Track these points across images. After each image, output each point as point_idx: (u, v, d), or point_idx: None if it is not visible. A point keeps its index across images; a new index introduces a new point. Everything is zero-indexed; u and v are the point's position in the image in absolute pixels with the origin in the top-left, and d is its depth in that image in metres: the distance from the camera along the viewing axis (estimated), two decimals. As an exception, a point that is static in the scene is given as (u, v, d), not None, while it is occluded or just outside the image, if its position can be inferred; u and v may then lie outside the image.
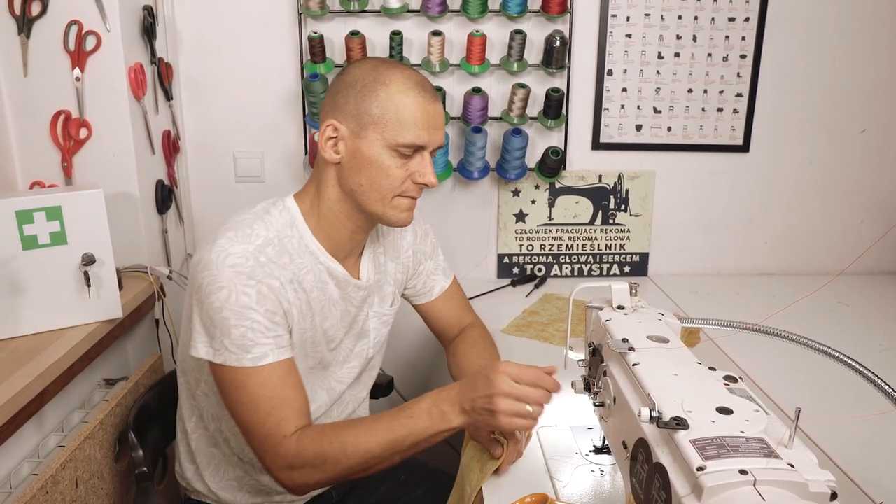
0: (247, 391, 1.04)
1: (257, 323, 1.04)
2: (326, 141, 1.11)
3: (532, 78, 1.95)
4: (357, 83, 1.09)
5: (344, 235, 1.17)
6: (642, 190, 2.08)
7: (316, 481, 1.05)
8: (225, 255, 1.04)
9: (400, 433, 1.01)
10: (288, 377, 1.07)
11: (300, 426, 1.05)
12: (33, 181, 1.56)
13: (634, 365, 0.85)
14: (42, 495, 1.10)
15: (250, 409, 1.04)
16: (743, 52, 1.98)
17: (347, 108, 1.09)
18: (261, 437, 1.05)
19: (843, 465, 1.09)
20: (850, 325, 1.75)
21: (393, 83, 1.08)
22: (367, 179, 1.10)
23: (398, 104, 1.07)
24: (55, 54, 1.50)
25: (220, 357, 1.04)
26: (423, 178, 1.11)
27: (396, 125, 1.07)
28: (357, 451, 1.02)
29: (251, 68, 1.91)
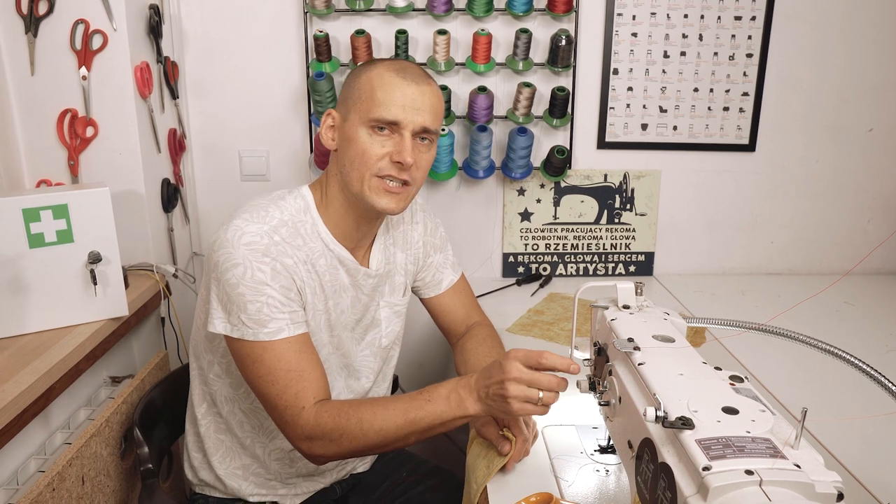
0: (264, 364, 1.08)
1: (272, 298, 1.08)
2: (326, 130, 1.19)
3: (537, 77, 1.95)
4: (350, 75, 1.18)
5: (349, 224, 1.20)
6: (648, 189, 2.07)
7: (333, 453, 1.08)
8: (240, 233, 1.09)
9: (417, 415, 1.04)
10: (304, 350, 1.10)
11: (319, 399, 1.08)
12: (40, 179, 1.57)
13: (640, 364, 0.85)
14: (49, 492, 1.10)
15: (268, 381, 1.08)
16: (749, 51, 1.97)
17: (340, 98, 1.18)
18: (280, 409, 1.08)
19: (850, 466, 1.09)
20: (857, 325, 1.75)
21: (375, 69, 1.15)
22: (349, 159, 1.15)
23: (374, 84, 1.13)
24: (62, 53, 1.51)
25: (237, 331, 1.08)
26: (399, 156, 1.13)
27: (370, 101, 1.12)
28: (373, 428, 1.04)
29: (257, 67, 1.91)
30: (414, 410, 1.04)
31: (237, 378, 1.20)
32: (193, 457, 1.31)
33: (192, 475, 1.32)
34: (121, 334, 1.45)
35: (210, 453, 1.28)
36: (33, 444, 1.24)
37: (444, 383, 1.06)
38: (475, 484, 1.08)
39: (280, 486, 1.29)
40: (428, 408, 1.04)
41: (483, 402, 1.02)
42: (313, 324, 1.17)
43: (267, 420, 1.22)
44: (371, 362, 1.31)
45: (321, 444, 1.07)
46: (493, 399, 1.00)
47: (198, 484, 1.32)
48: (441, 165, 1.89)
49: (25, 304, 1.30)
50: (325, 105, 1.83)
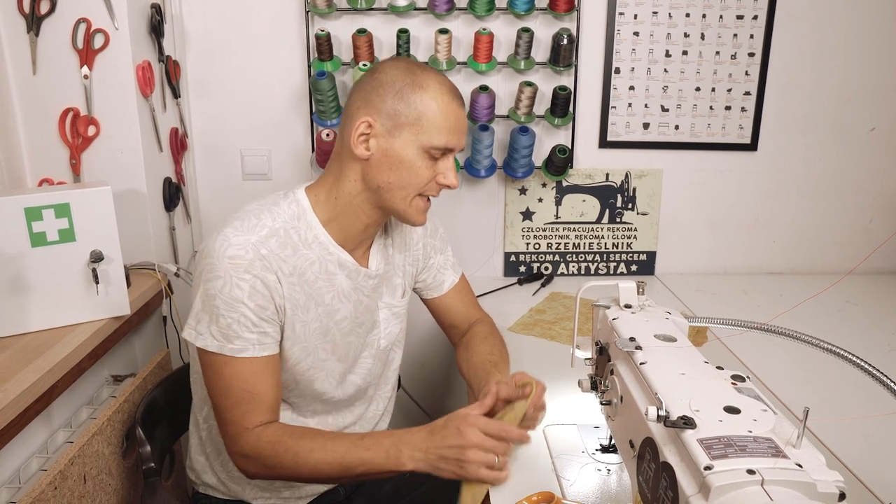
0: (222, 377, 1.09)
1: (244, 317, 1.08)
2: (358, 137, 1.12)
3: (539, 76, 1.95)
4: (395, 83, 1.11)
5: (358, 228, 1.19)
6: (649, 188, 2.07)
7: (266, 475, 1.12)
8: (227, 245, 1.08)
9: (352, 461, 1.05)
10: (263, 373, 1.10)
11: (264, 421, 1.10)
12: (42, 178, 1.57)
13: (641, 364, 0.85)
14: (51, 491, 1.11)
15: (221, 393, 1.10)
16: (751, 49, 1.97)
17: (383, 108, 1.11)
18: (226, 422, 1.10)
19: (852, 466, 1.08)
20: (859, 324, 1.74)
21: (429, 87, 1.11)
22: (396, 177, 1.12)
23: (435, 108, 1.10)
24: (63, 52, 1.51)
25: (201, 340, 1.09)
26: (447, 180, 1.15)
27: (431, 128, 1.10)
28: (307, 464, 1.06)
29: (258, 66, 1.91)
30: (350, 456, 1.05)
31: None
32: (195, 459, 1.30)
33: (195, 477, 1.32)
34: (122, 333, 1.45)
35: (212, 457, 1.27)
36: (35, 442, 1.24)
37: (387, 433, 1.07)
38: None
39: (284, 489, 1.28)
40: (365, 456, 1.05)
41: (427, 463, 1.02)
42: (302, 333, 1.15)
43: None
44: (370, 364, 1.30)
45: (255, 465, 1.10)
46: (445, 461, 1.01)
47: (200, 485, 1.31)
48: (442, 164, 1.89)
49: (27, 302, 1.30)
50: (326, 104, 1.83)
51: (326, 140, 1.86)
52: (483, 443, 0.98)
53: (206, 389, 1.14)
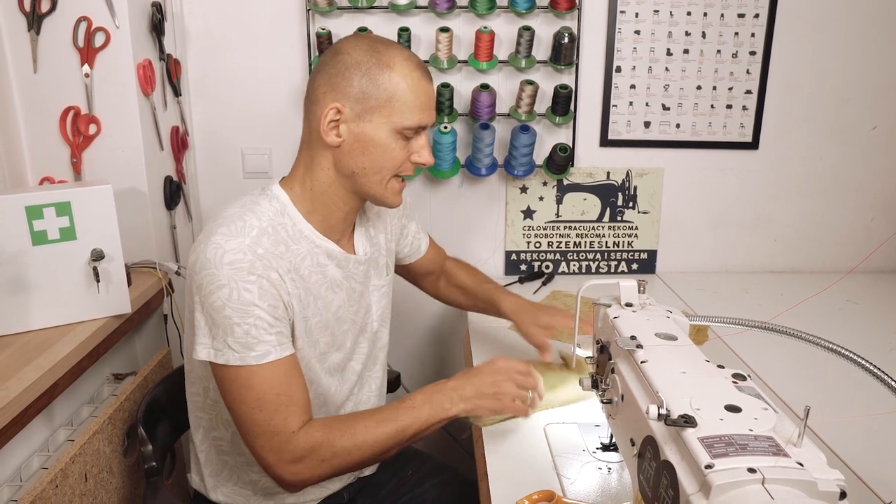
0: (252, 390, 1.04)
1: (260, 319, 1.03)
2: (328, 124, 1.08)
3: (540, 74, 1.95)
4: (360, 65, 1.06)
5: (338, 217, 1.17)
6: (650, 187, 2.07)
7: (320, 475, 1.07)
8: (222, 252, 1.02)
9: (404, 422, 1.07)
10: (291, 373, 1.07)
11: (305, 421, 1.07)
12: (43, 177, 1.57)
13: (642, 362, 0.85)
14: (52, 489, 1.11)
15: (256, 407, 1.04)
16: (752, 48, 1.97)
17: (350, 91, 1.06)
18: (266, 435, 1.05)
19: (853, 464, 1.08)
20: (860, 323, 1.74)
21: (396, 65, 1.07)
22: (370, 161, 1.10)
23: (405, 87, 1.07)
24: (64, 51, 1.51)
25: (222, 357, 1.03)
26: (421, 158, 1.13)
27: (403, 108, 1.07)
28: (367, 442, 1.06)
29: (259, 65, 1.91)
30: (401, 418, 1.08)
31: None
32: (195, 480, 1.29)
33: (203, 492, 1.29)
34: (123, 332, 1.45)
35: (215, 474, 1.26)
36: (36, 441, 1.24)
37: (421, 391, 1.12)
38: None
39: (288, 495, 1.27)
40: (414, 415, 1.08)
41: (468, 402, 1.10)
42: (304, 329, 1.14)
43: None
44: (366, 349, 1.30)
45: (310, 465, 1.05)
46: (482, 398, 1.10)
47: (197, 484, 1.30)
48: (443, 163, 1.89)
49: (28, 301, 1.30)
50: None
51: (327, 138, 1.86)
52: (515, 376, 1.11)
53: (231, 408, 1.07)
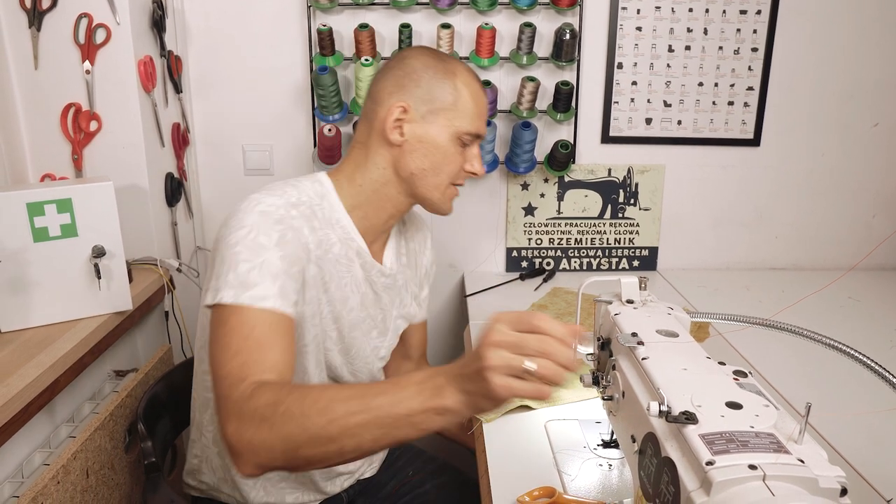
0: (226, 328, 0.93)
1: (269, 263, 0.98)
2: (394, 122, 1.11)
3: (541, 71, 1.94)
4: (427, 69, 1.12)
5: (381, 218, 1.18)
6: (652, 184, 2.07)
7: (262, 440, 0.82)
8: (256, 202, 1.03)
9: (377, 400, 0.80)
10: (277, 331, 0.95)
11: (265, 380, 0.89)
12: (44, 174, 1.57)
13: (643, 359, 0.85)
14: (53, 485, 1.11)
15: (221, 346, 0.92)
16: (754, 45, 1.96)
17: (418, 92, 1.11)
18: (220, 378, 0.90)
19: (854, 461, 1.08)
20: (861, 320, 1.74)
21: (460, 73, 1.13)
22: (431, 163, 1.13)
23: (467, 94, 1.13)
24: (65, 47, 1.51)
25: (217, 295, 0.95)
26: (473, 168, 1.18)
27: (465, 114, 1.13)
28: (315, 406, 0.81)
29: (260, 61, 1.91)
30: (374, 395, 0.80)
31: None
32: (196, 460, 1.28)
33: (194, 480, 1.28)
34: (125, 328, 1.46)
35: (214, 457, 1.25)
36: (38, 437, 1.25)
37: (419, 371, 0.89)
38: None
39: (289, 492, 1.26)
40: (392, 392, 0.80)
41: (463, 393, 0.77)
42: (316, 312, 1.11)
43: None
44: (367, 370, 1.28)
45: (249, 424, 0.83)
46: (471, 380, 0.76)
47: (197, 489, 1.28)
48: (444, 160, 1.89)
49: (30, 298, 1.30)
50: (328, 99, 1.83)
51: (328, 135, 1.86)
52: (504, 339, 0.74)
53: (209, 356, 0.95)
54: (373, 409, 0.79)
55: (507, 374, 0.74)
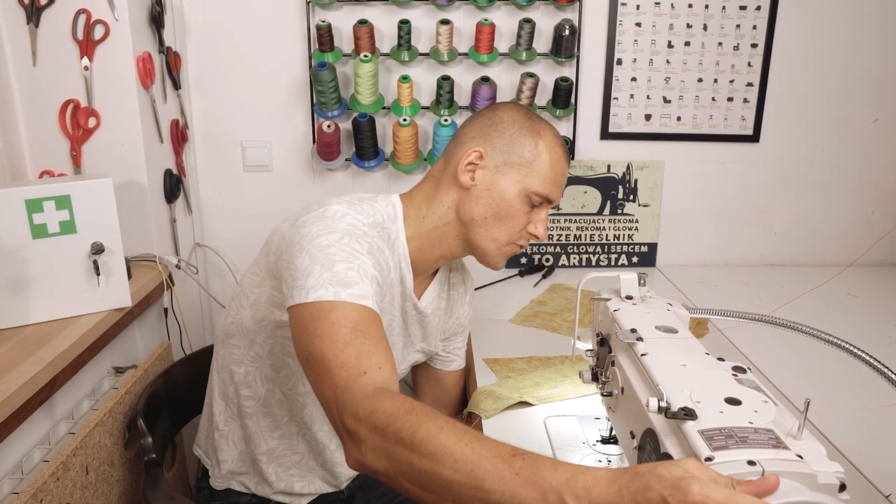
0: (328, 321, 0.91)
1: (365, 266, 0.99)
2: (467, 165, 1.13)
3: (541, 67, 1.94)
4: (514, 124, 1.14)
5: (433, 255, 1.19)
6: (651, 180, 2.07)
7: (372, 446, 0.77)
8: (342, 215, 1.04)
9: (487, 482, 0.67)
10: (379, 328, 0.94)
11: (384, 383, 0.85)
12: (42, 170, 1.57)
13: (643, 355, 0.85)
14: (53, 481, 1.11)
15: (328, 338, 0.89)
16: (754, 40, 1.96)
17: (499, 143, 1.13)
18: (335, 368, 0.86)
19: (852, 457, 1.09)
20: (860, 316, 1.74)
21: (545, 136, 1.14)
22: (494, 213, 1.13)
23: (546, 157, 1.13)
24: (63, 43, 1.51)
25: (315, 293, 0.93)
26: (536, 230, 1.16)
27: (539, 174, 1.13)
28: (424, 446, 0.71)
29: (259, 58, 1.91)
30: (487, 474, 0.67)
31: (279, 360, 1.18)
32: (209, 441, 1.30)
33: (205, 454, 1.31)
34: (124, 325, 1.45)
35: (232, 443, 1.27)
36: (37, 434, 1.25)
37: (553, 463, 0.66)
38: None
39: (298, 479, 1.27)
40: (510, 485, 0.65)
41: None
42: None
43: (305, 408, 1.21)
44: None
45: (365, 427, 0.78)
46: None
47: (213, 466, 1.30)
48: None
49: (28, 294, 1.30)
50: (327, 95, 1.83)
51: (327, 132, 1.86)
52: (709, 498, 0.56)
53: (301, 349, 0.93)
54: (477, 490, 0.68)
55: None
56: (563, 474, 0.63)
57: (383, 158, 1.95)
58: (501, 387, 1.30)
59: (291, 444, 1.26)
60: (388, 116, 1.96)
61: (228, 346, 1.23)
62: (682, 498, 0.56)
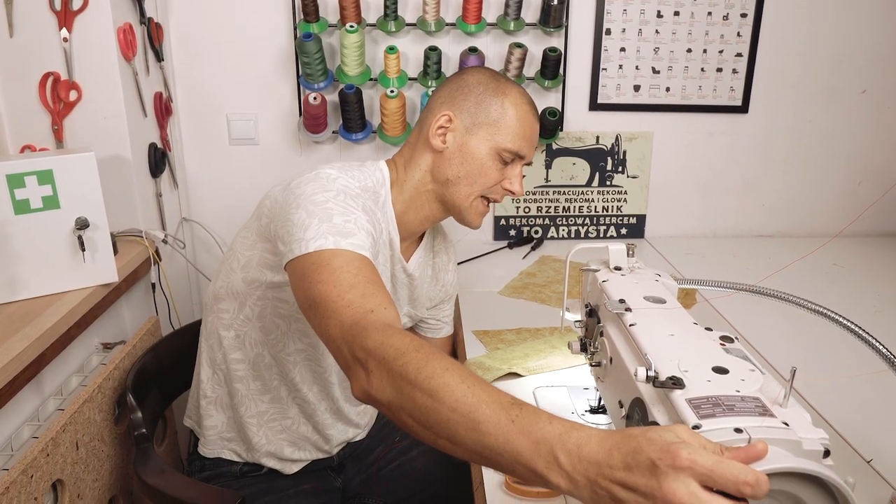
0: (329, 267, 0.93)
1: (361, 221, 1.02)
2: (437, 129, 1.18)
3: (529, 37, 1.92)
4: (480, 85, 1.19)
5: (416, 219, 1.23)
6: (640, 151, 2.06)
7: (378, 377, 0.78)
8: (335, 177, 1.09)
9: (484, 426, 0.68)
10: (381, 279, 0.96)
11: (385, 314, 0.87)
12: (24, 145, 1.54)
13: (631, 325, 0.85)
14: (43, 457, 1.11)
15: (331, 282, 0.91)
16: (744, 10, 1.95)
17: (465, 105, 1.18)
18: (341, 308, 0.87)
19: (836, 424, 1.10)
20: (845, 286, 1.76)
21: (510, 94, 1.19)
22: (465, 172, 1.18)
23: (513, 114, 1.18)
24: (41, 14, 1.47)
25: (313, 244, 0.96)
26: (512, 186, 1.22)
27: (507, 131, 1.18)
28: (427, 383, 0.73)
29: (243, 29, 1.87)
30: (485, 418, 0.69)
31: (269, 321, 1.20)
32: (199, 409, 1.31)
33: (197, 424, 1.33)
34: (111, 301, 1.45)
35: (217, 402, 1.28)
36: (26, 410, 1.24)
37: (549, 417, 0.67)
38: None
39: (287, 444, 1.29)
40: (504, 432, 0.67)
41: (588, 490, 0.62)
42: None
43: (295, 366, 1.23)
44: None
45: (373, 359, 0.79)
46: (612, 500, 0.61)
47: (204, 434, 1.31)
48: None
49: (13, 271, 1.28)
50: (313, 67, 1.80)
51: (314, 104, 1.83)
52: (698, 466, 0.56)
53: (303, 296, 0.94)
54: (473, 431, 0.69)
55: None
56: (557, 428, 0.65)
57: (371, 130, 1.93)
58: (491, 358, 1.31)
59: (282, 408, 1.28)
60: (374, 88, 1.93)
61: (217, 311, 1.24)
62: (670, 462, 0.57)
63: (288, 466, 1.31)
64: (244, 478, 1.30)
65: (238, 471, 1.30)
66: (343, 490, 1.38)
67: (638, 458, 0.59)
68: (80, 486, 1.23)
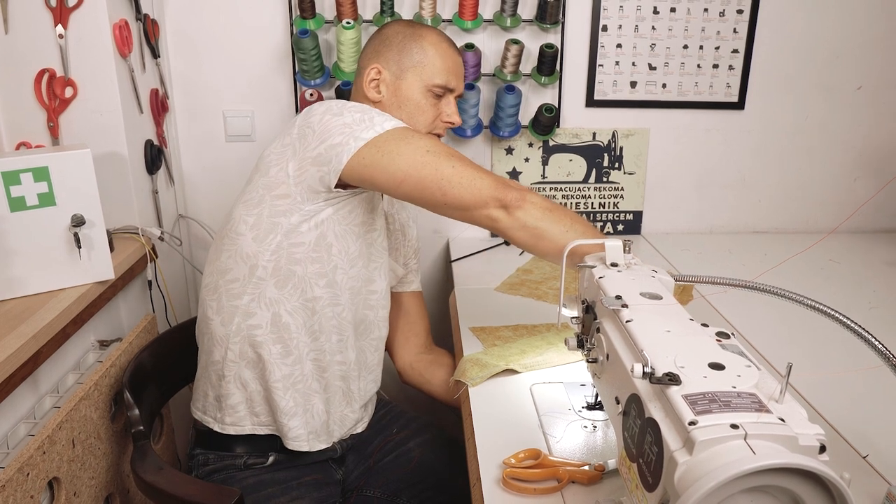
0: (414, 139, 1.10)
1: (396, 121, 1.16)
2: (370, 82, 1.29)
3: (526, 34, 1.92)
4: (398, 35, 1.30)
5: None
6: (636, 148, 2.06)
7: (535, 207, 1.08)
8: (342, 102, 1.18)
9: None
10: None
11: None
12: (19, 142, 1.54)
13: (627, 321, 0.85)
14: (39, 455, 1.11)
15: (430, 150, 1.09)
16: (740, 6, 1.95)
17: (390, 55, 1.29)
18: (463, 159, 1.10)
19: (832, 420, 1.11)
20: (841, 282, 1.76)
21: (427, 36, 1.30)
22: (407, 115, 1.28)
23: (433, 52, 1.29)
24: (36, 10, 1.46)
25: (388, 125, 1.10)
26: (450, 118, 1.33)
27: (432, 68, 1.28)
28: (560, 224, 1.09)
29: (239, 25, 1.87)
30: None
31: (285, 272, 1.20)
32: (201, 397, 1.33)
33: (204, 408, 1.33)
34: (107, 298, 1.44)
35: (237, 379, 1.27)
36: (22, 408, 1.24)
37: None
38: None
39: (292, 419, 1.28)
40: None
41: None
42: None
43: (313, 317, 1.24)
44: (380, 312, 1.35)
45: (536, 197, 1.09)
46: None
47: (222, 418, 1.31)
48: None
49: (9, 268, 1.28)
50: (309, 63, 1.80)
51: (310, 100, 1.83)
52: None
53: (397, 175, 1.08)
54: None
55: None
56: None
57: (367, 128, 1.93)
58: (488, 355, 1.31)
59: (303, 371, 1.26)
60: (371, 85, 1.93)
61: (225, 284, 1.24)
62: None
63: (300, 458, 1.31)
64: (248, 469, 1.30)
65: (242, 463, 1.30)
66: (343, 482, 1.39)
67: None
68: (76, 483, 1.23)
